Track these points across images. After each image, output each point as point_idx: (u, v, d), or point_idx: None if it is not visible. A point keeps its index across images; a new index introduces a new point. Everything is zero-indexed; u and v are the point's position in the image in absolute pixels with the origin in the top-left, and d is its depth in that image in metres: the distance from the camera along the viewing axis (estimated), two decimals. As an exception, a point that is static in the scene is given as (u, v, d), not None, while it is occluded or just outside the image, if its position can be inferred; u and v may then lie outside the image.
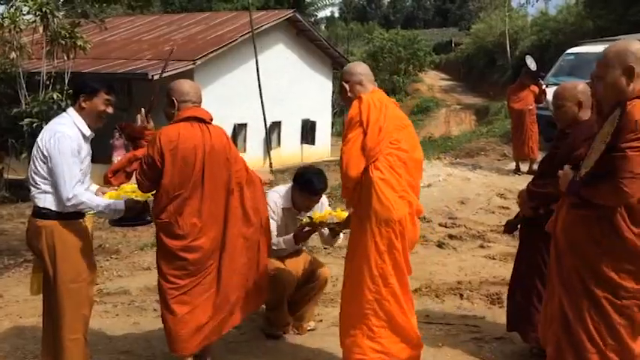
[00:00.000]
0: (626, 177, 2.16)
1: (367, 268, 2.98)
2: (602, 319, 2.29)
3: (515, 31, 28.50)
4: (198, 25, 16.38)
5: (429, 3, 57.04)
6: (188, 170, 3.04)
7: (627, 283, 2.27)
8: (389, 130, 2.99)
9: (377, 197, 2.94)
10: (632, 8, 17.72)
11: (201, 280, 3.14)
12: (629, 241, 2.24)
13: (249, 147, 15.01)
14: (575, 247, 2.34)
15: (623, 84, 2.31)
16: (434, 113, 25.88)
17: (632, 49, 2.32)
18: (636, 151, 2.16)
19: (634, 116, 2.19)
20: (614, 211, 2.25)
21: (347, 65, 3.35)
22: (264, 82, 14.13)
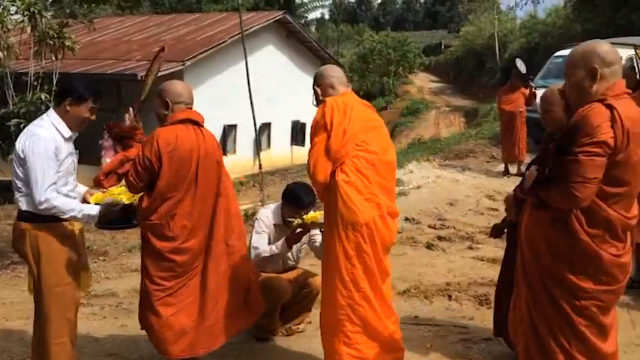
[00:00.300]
0: (577, 181, 2.14)
1: (338, 273, 2.94)
2: (563, 320, 2.29)
3: (504, 34, 28.70)
4: (187, 26, 16.33)
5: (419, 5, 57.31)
6: (183, 173, 3.05)
7: (585, 284, 2.25)
8: (354, 132, 2.95)
9: (342, 200, 2.90)
10: (620, 11, 17.91)
11: (187, 282, 3.13)
12: (584, 243, 2.23)
13: (238, 148, 14.98)
14: (534, 249, 2.34)
15: (586, 85, 2.30)
16: (423, 115, 25.95)
17: (598, 50, 2.30)
18: (589, 156, 2.13)
19: (589, 120, 2.16)
20: (568, 213, 2.24)
21: (319, 69, 3.33)
22: (254, 83, 14.05)
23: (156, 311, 3.09)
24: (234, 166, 14.74)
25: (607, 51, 2.31)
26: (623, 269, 2.31)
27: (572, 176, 2.14)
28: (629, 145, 2.18)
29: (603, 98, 2.22)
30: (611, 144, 2.14)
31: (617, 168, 2.19)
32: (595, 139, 2.13)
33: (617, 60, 2.32)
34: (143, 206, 3.06)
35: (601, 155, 2.14)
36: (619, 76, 2.33)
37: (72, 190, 3.04)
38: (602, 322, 2.31)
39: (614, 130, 2.15)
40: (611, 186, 2.20)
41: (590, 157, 2.13)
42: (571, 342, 2.29)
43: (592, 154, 2.13)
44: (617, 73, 2.31)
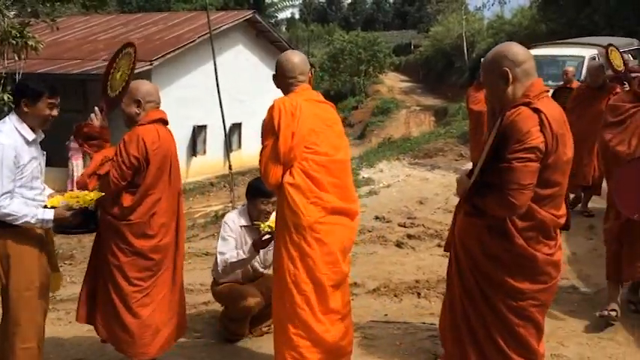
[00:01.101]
0: (513, 188, 2.13)
1: (282, 275, 2.92)
2: (500, 322, 2.30)
3: (472, 34, 29.12)
4: (155, 26, 16.13)
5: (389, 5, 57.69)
6: (164, 170, 3.12)
7: (522, 285, 2.27)
8: (302, 135, 2.90)
9: (287, 203, 2.88)
10: (583, 12, 18.34)
11: (157, 280, 3.17)
12: (520, 246, 2.25)
13: (209, 149, 14.86)
14: (469, 254, 2.35)
15: (501, 89, 2.30)
16: (394, 114, 26.16)
17: (509, 53, 2.30)
18: (522, 162, 2.12)
19: (518, 125, 2.15)
20: (504, 219, 2.25)
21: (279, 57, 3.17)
22: (224, 83, 13.97)
23: (135, 313, 3.10)
24: (205, 167, 14.63)
25: (516, 52, 2.31)
26: (556, 266, 2.35)
27: (508, 184, 2.14)
28: (559, 146, 2.21)
29: (528, 101, 2.22)
30: (542, 148, 2.16)
31: (549, 170, 2.21)
32: (526, 144, 2.13)
33: (527, 58, 2.32)
34: (125, 205, 3.06)
35: (534, 160, 2.15)
36: (534, 75, 2.33)
37: (39, 194, 2.98)
38: (539, 321, 2.35)
39: (543, 134, 2.16)
40: (543, 188, 2.22)
41: (524, 163, 2.13)
42: (509, 344, 2.31)
43: (525, 160, 2.13)
44: (530, 72, 2.31)
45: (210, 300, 4.65)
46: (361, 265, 5.36)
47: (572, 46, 12.06)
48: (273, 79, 3.14)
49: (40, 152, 3.04)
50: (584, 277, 4.91)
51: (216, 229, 7.86)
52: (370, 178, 9.24)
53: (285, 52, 3.29)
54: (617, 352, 3.63)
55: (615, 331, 3.89)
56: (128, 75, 3.09)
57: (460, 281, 2.37)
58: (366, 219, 7.01)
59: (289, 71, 3.07)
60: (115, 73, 3.18)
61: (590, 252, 5.43)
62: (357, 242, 6.22)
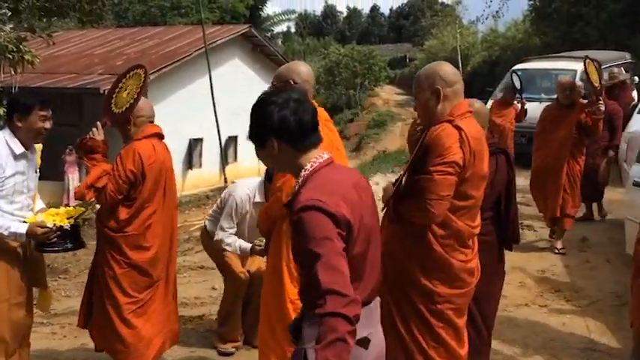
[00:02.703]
0: (432, 199, 2.29)
1: (280, 293, 2.90)
2: (422, 323, 2.44)
3: (467, 47, 29.29)
4: (151, 40, 16.20)
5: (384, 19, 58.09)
6: (160, 184, 3.21)
7: (440, 289, 2.41)
8: None
9: None
10: (576, 25, 18.51)
11: (155, 292, 3.25)
12: (438, 253, 2.39)
13: (205, 162, 14.87)
14: (394, 259, 2.46)
15: (432, 105, 2.46)
16: (390, 127, 26.21)
17: (440, 72, 2.46)
18: (442, 175, 2.28)
19: (441, 141, 2.31)
20: (424, 226, 2.39)
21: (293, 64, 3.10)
22: (220, 96, 14.08)
23: (130, 324, 3.17)
24: (201, 179, 14.64)
25: (448, 72, 2.48)
26: (471, 273, 2.49)
27: (428, 194, 2.30)
28: (475, 162, 2.37)
29: (451, 119, 2.38)
30: (460, 163, 2.32)
31: (465, 184, 2.37)
32: (447, 159, 2.30)
33: (457, 80, 2.49)
34: (121, 218, 3.14)
35: (452, 174, 2.31)
36: (461, 97, 2.50)
37: (20, 209, 2.94)
38: (457, 324, 2.49)
39: (462, 150, 2.33)
40: (460, 200, 2.38)
41: (444, 176, 2.30)
42: (429, 343, 2.44)
43: (445, 173, 2.30)
44: (458, 93, 2.48)
45: (205, 314, 4.66)
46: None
47: (565, 59, 12.17)
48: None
49: (32, 169, 3.01)
50: (577, 289, 4.94)
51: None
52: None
53: (292, 62, 3.23)
54: (610, 364, 3.65)
55: (608, 344, 3.91)
56: (137, 94, 3.16)
57: (386, 284, 2.48)
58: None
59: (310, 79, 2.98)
60: (122, 91, 3.24)
61: (582, 264, 5.46)
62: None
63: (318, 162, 1.83)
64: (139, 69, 3.30)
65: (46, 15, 9.04)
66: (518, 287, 4.96)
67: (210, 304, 4.90)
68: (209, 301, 4.97)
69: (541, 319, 4.34)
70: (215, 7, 27.30)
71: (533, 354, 3.80)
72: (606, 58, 12.27)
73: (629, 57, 13.09)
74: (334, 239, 1.64)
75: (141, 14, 26.82)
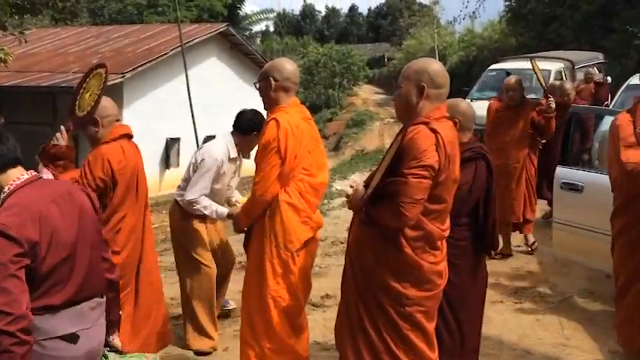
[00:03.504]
0: (406, 202, 2.27)
1: (263, 291, 2.97)
2: (391, 326, 2.43)
3: (444, 47, 29.53)
4: (127, 38, 16.00)
5: (362, 19, 58.21)
6: (131, 188, 3.13)
7: (409, 291, 2.40)
8: (302, 157, 2.99)
9: (281, 220, 2.94)
10: (551, 26, 18.80)
11: (124, 299, 3.13)
12: (408, 255, 2.38)
13: (182, 161, 14.73)
14: (363, 261, 2.47)
15: (413, 100, 2.43)
16: (368, 127, 26.30)
17: (430, 69, 2.43)
18: (417, 178, 2.27)
19: (417, 144, 2.29)
20: (396, 228, 2.37)
21: (277, 61, 3.16)
22: (198, 95, 13.96)
23: None
24: (178, 179, 14.42)
25: (438, 73, 2.44)
26: (440, 275, 2.49)
27: (402, 197, 2.27)
28: (449, 166, 2.36)
29: (427, 121, 2.35)
30: (435, 167, 2.30)
31: (439, 187, 2.35)
32: (422, 162, 2.27)
33: (444, 84, 2.46)
34: None
35: (427, 178, 2.29)
36: (443, 102, 2.48)
37: None
38: (426, 327, 2.47)
39: (438, 153, 2.31)
40: (433, 203, 2.37)
41: (418, 179, 2.27)
42: (398, 346, 2.43)
43: (420, 176, 2.27)
44: (441, 98, 2.46)
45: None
46: (333, 277, 5.37)
47: (540, 59, 12.29)
48: (266, 86, 3.03)
49: None
50: (550, 285, 5.02)
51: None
52: (343, 190, 9.29)
53: (278, 58, 3.29)
54: (582, 359, 3.72)
55: (580, 339, 3.98)
56: (97, 95, 3.05)
57: (355, 286, 2.50)
58: (339, 230, 7.05)
59: (293, 77, 3.02)
60: (85, 93, 3.16)
61: (555, 261, 5.54)
62: (330, 254, 6.26)
63: (15, 183, 1.99)
64: (100, 68, 3.19)
65: (18, 12, 8.87)
66: (492, 285, 4.99)
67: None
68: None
69: (515, 315, 4.40)
70: (193, 5, 27.09)
71: (508, 350, 3.85)
72: (580, 58, 12.50)
73: (602, 57, 13.34)
74: (7, 263, 1.83)
75: (117, 12, 26.47)
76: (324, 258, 6.12)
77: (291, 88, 3.06)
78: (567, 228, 4.56)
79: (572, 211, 4.53)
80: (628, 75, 7.11)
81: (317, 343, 4.05)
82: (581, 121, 6.11)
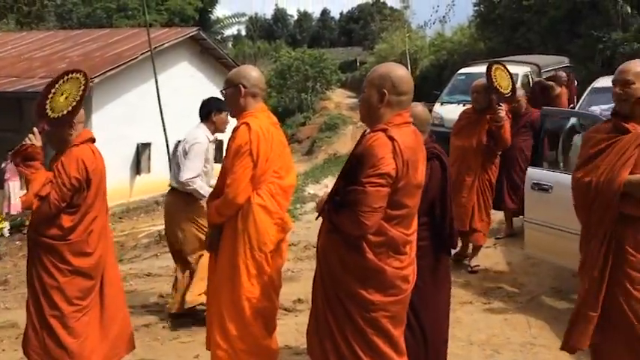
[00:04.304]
0: (365, 210, 2.28)
1: (237, 292, 3.01)
2: (357, 332, 2.44)
3: (415, 51, 29.81)
4: (95, 42, 15.78)
5: (334, 23, 58.48)
6: (101, 190, 3.22)
7: (373, 297, 2.41)
8: (274, 160, 3.07)
9: (254, 222, 3.00)
10: (518, 31, 19.17)
11: (94, 298, 3.23)
12: (371, 261, 2.39)
13: (154, 167, 14.57)
14: (330, 268, 2.49)
15: (375, 104, 2.44)
16: (341, 130, 26.40)
17: (393, 76, 2.43)
18: (374, 187, 2.28)
19: (374, 151, 2.30)
20: (357, 236, 2.39)
21: (243, 69, 3.24)
22: (169, 100, 13.82)
23: (75, 333, 3.13)
24: (150, 185, 14.33)
25: (401, 80, 2.44)
26: (406, 280, 2.50)
27: (361, 206, 2.28)
28: (409, 172, 2.37)
29: (386, 128, 2.37)
30: (393, 175, 2.31)
31: (399, 193, 2.36)
32: (379, 170, 2.28)
33: (407, 92, 2.46)
34: (65, 226, 3.09)
35: (385, 186, 2.30)
36: (405, 109, 2.48)
37: None
38: (392, 332, 2.48)
39: (395, 161, 2.31)
40: (394, 209, 2.38)
41: (376, 187, 2.28)
42: (365, 352, 2.44)
43: (377, 185, 2.28)
44: (403, 104, 2.46)
45: (151, 322, 4.57)
46: (306, 281, 5.37)
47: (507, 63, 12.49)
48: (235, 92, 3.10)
49: None
50: (518, 285, 5.10)
51: (160, 249, 7.71)
52: (316, 195, 9.31)
53: (242, 66, 3.40)
54: (549, 357, 3.79)
55: (547, 337, 4.06)
56: (77, 101, 3.11)
57: (323, 292, 2.52)
58: (311, 235, 7.03)
59: (260, 83, 3.14)
60: (57, 96, 3.17)
61: (524, 261, 5.64)
62: (302, 258, 6.26)
63: None
64: (77, 73, 3.23)
65: (-19, 16, 8.67)
66: (462, 286, 5.09)
67: (157, 312, 4.81)
68: (156, 309, 4.88)
69: (484, 316, 4.47)
70: (163, 9, 26.87)
71: (477, 350, 3.91)
72: (546, 62, 12.77)
73: (567, 61, 13.65)
74: None
75: (85, 16, 26.08)
76: (297, 262, 6.11)
77: (259, 94, 3.15)
78: (538, 227, 4.66)
79: (542, 210, 4.63)
80: (593, 78, 7.25)
81: (289, 347, 4.05)
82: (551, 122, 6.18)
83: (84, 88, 3.14)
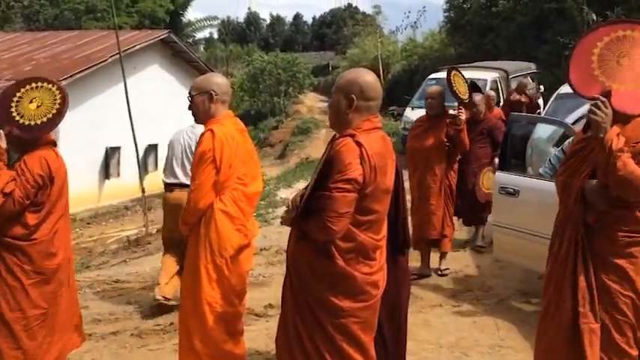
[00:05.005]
0: (332, 216, 2.28)
1: (198, 296, 3.06)
2: (326, 337, 2.43)
3: (387, 56, 30.07)
4: (63, 44, 15.52)
5: (307, 27, 58.62)
6: (63, 190, 3.23)
7: (343, 303, 2.41)
8: (237, 166, 3.11)
9: (215, 228, 3.06)
10: (487, 37, 19.51)
11: (60, 300, 3.25)
12: (340, 267, 2.40)
13: (123, 171, 14.36)
14: (300, 275, 2.49)
15: (343, 110, 2.44)
16: (314, 134, 26.42)
17: (361, 81, 2.44)
18: (341, 192, 2.27)
19: (342, 157, 2.30)
20: (326, 242, 2.39)
21: (212, 76, 3.34)
22: (139, 103, 13.64)
23: (34, 336, 3.13)
24: (119, 190, 14.13)
25: (369, 86, 2.44)
26: (375, 285, 2.50)
27: (328, 211, 2.28)
28: (377, 178, 2.37)
29: (354, 133, 2.38)
30: (360, 180, 2.31)
31: (367, 199, 2.37)
32: (346, 176, 2.28)
33: (375, 97, 2.47)
34: (30, 224, 3.11)
35: (351, 191, 2.30)
36: (374, 114, 2.48)
37: None
38: (362, 339, 2.47)
39: (362, 167, 2.32)
40: (362, 215, 2.38)
41: (343, 193, 2.28)
42: (334, 358, 2.43)
43: (344, 190, 2.28)
44: (371, 111, 2.47)
45: (119, 330, 4.49)
46: (277, 286, 5.32)
47: (477, 69, 12.79)
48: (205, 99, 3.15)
49: None
50: (486, 288, 5.17)
51: (129, 255, 7.61)
52: (288, 199, 9.28)
53: (208, 73, 3.50)
54: (516, 358, 3.85)
55: (514, 339, 4.12)
56: (54, 114, 3.17)
57: (292, 298, 2.52)
58: (283, 239, 6.99)
59: (228, 90, 3.24)
60: (25, 101, 3.20)
61: (492, 264, 5.72)
62: (274, 263, 6.23)
63: None
64: (49, 84, 3.29)
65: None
66: (432, 288, 5.14)
67: (125, 320, 4.73)
68: (123, 317, 4.79)
69: (453, 318, 4.52)
70: (133, 11, 26.56)
71: (446, 353, 3.95)
72: (514, 68, 13.03)
73: (534, 67, 13.95)
74: None
75: (53, 17, 25.59)
76: (268, 267, 6.09)
77: (227, 101, 3.24)
78: (506, 231, 4.74)
79: (510, 214, 4.70)
80: (559, 84, 7.40)
81: (259, 353, 4.02)
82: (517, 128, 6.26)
83: (61, 102, 3.21)
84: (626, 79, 2.54)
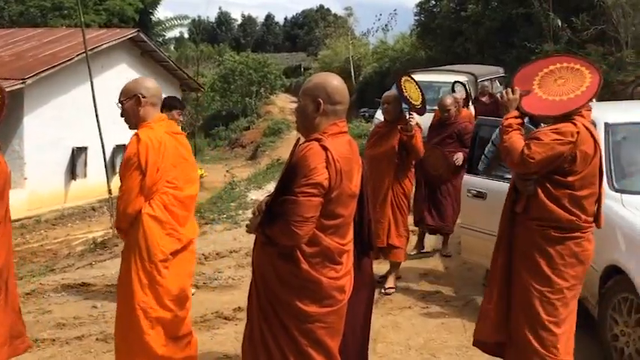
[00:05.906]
0: (297, 220, 2.27)
1: (130, 300, 3.06)
2: (292, 343, 2.43)
3: (359, 58, 30.24)
4: (28, 42, 15.15)
5: (278, 28, 58.53)
6: (6, 193, 3.15)
7: (309, 308, 2.40)
8: (166, 170, 3.09)
9: (143, 232, 3.05)
10: (457, 40, 19.78)
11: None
12: (305, 271, 2.39)
13: (90, 172, 14.09)
14: (265, 280, 2.47)
15: (310, 113, 2.44)
16: (285, 135, 26.39)
17: (329, 87, 2.45)
18: (307, 196, 2.27)
19: (307, 161, 2.30)
20: (291, 247, 2.39)
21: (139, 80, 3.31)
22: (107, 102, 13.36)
23: None
24: (86, 190, 13.86)
25: (336, 90, 2.45)
26: (342, 290, 2.50)
27: (293, 216, 2.27)
28: (342, 182, 2.38)
29: (320, 138, 2.39)
30: (325, 185, 2.31)
31: (333, 204, 2.37)
32: (311, 180, 2.28)
33: (342, 101, 2.48)
34: None
35: (317, 195, 2.30)
36: (341, 117, 2.48)
37: None
38: (328, 344, 2.47)
39: (328, 171, 2.32)
40: (328, 219, 2.38)
41: (308, 197, 2.28)
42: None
43: (309, 194, 2.28)
44: (339, 114, 2.48)
45: (84, 334, 4.41)
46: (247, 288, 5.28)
47: (446, 72, 12.94)
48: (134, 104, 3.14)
49: None
50: (455, 290, 5.23)
51: (95, 257, 7.46)
52: (258, 200, 9.24)
53: (136, 77, 3.47)
54: (482, 359, 3.90)
55: (481, 340, 4.17)
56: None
57: (258, 304, 2.50)
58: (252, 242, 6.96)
59: (158, 93, 3.23)
60: None
61: (460, 266, 5.79)
62: (244, 265, 6.19)
63: None
64: None
65: None
66: (402, 291, 5.17)
67: (90, 324, 4.64)
68: (89, 321, 4.71)
69: (422, 320, 4.55)
70: (102, 9, 26.09)
71: (414, 354, 3.98)
72: (482, 72, 13.22)
73: (502, 71, 14.18)
74: None
75: (18, 14, 24.94)
76: (238, 270, 6.05)
77: (157, 103, 3.23)
78: (473, 233, 4.79)
79: (477, 217, 4.76)
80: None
81: (228, 357, 4.00)
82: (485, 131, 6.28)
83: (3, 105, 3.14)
84: (552, 92, 3.06)
